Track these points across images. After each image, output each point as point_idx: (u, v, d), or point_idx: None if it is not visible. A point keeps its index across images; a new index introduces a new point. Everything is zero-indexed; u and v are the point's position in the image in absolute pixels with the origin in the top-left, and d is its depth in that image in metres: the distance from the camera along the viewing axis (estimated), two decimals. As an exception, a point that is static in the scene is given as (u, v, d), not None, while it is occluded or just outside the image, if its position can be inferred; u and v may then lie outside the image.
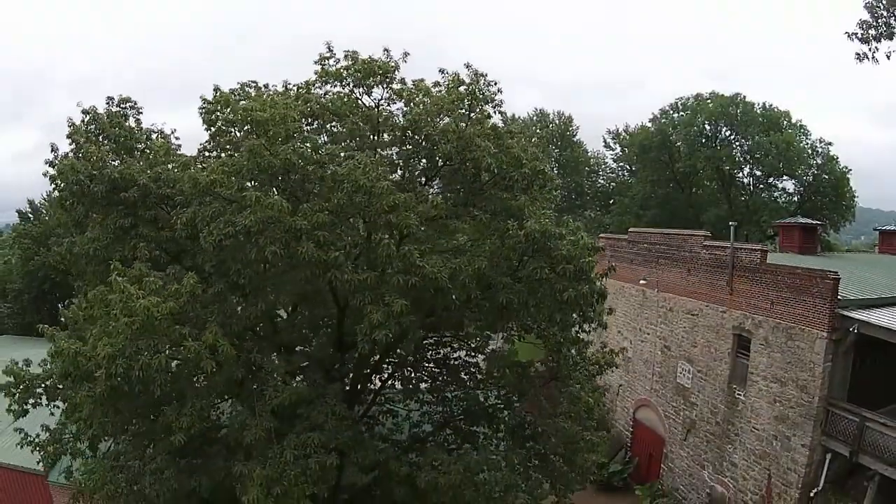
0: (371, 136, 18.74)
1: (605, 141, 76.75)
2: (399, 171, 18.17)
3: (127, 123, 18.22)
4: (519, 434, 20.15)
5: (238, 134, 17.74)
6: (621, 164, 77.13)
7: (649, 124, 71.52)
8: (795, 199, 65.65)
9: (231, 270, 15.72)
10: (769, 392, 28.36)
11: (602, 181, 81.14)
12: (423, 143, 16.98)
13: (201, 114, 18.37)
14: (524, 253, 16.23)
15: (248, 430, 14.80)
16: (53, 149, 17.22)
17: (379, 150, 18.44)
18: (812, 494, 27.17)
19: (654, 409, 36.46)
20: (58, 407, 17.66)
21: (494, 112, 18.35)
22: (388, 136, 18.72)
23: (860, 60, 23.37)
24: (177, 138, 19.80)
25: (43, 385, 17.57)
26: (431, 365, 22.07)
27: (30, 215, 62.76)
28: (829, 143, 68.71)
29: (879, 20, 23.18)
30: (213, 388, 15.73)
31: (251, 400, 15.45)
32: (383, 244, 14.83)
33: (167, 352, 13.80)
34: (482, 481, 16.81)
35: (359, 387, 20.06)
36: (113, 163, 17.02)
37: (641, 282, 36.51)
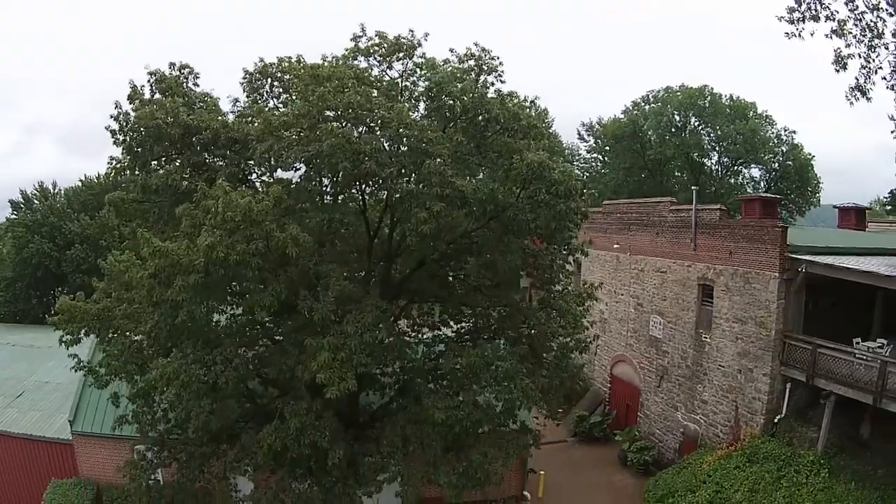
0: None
1: (579, 133, 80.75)
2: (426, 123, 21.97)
3: (187, 85, 22.16)
4: (518, 340, 24.24)
5: (287, 95, 22.65)
6: (594, 155, 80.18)
7: (622, 116, 75.15)
8: (762, 184, 69.98)
9: (306, 190, 20.47)
10: (732, 331, 32.23)
11: (576, 171, 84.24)
12: (445, 100, 21.07)
13: (243, 83, 23.02)
14: (526, 179, 20.27)
15: (315, 311, 18.65)
16: (117, 106, 20.78)
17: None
18: (776, 420, 31.12)
19: (630, 363, 40.34)
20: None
21: (497, 80, 22.51)
22: (410, 102, 22.81)
23: (789, 38, 26.60)
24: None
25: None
26: (451, 281, 25.72)
27: (22, 205, 65.00)
28: (794, 132, 73.65)
29: (804, 4, 26.21)
30: (290, 276, 19.52)
31: (317, 291, 19.38)
32: (426, 164, 19.05)
33: (260, 243, 17.66)
34: (494, 367, 20.57)
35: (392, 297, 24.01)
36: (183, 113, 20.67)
37: (615, 246, 40.54)
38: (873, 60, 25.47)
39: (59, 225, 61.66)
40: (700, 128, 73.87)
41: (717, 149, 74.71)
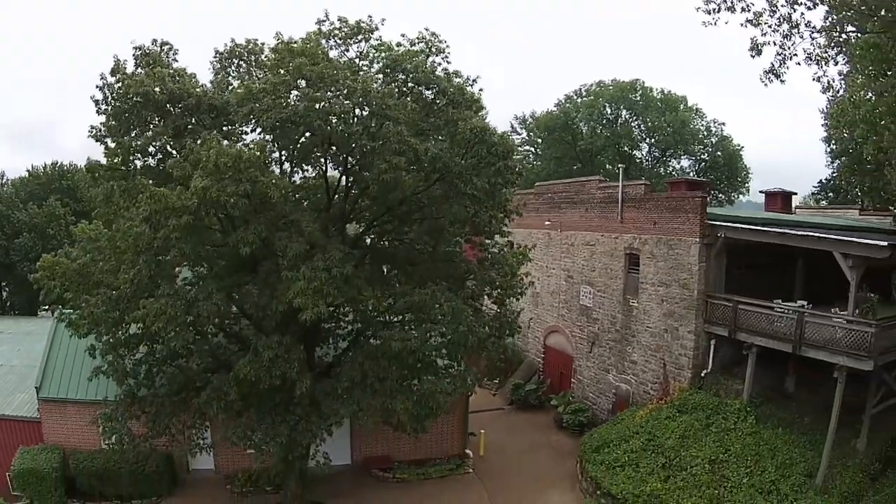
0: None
1: (511, 126, 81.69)
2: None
3: (167, 60, 23.37)
4: (461, 286, 25.88)
5: (254, 73, 24.48)
6: (527, 147, 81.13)
7: (555, 109, 76.44)
8: (691, 174, 72.80)
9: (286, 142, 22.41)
10: (657, 294, 33.70)
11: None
12: (400, 75, 23.21)
13: (214, 62, 24.90)
14: (469, 141, 22.57)
15: (290, 248, 20.39)
16: (102, 76, 22.00)
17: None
18: (703, 374, 33.04)
19: (562, 333, 41.71)
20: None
21: (443, 61, 24.54)
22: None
23: (706, 26, 27.72)
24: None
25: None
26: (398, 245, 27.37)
27: None
28: (723, 124, 76.18)
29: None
30: (268, 219, 21.21)
31: (291, 232, 21.06)
32: (386, 125, 21.13)
33: (248, 185, 19.35)
34: (441, 305, 22.56)
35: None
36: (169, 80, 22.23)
37: (546, 223, 41.84)
38: (788, 48, 26.32)
39: (6, 214, 61.81)
40: (631, 120, 75.71)
41: (647, 140, 76.61)
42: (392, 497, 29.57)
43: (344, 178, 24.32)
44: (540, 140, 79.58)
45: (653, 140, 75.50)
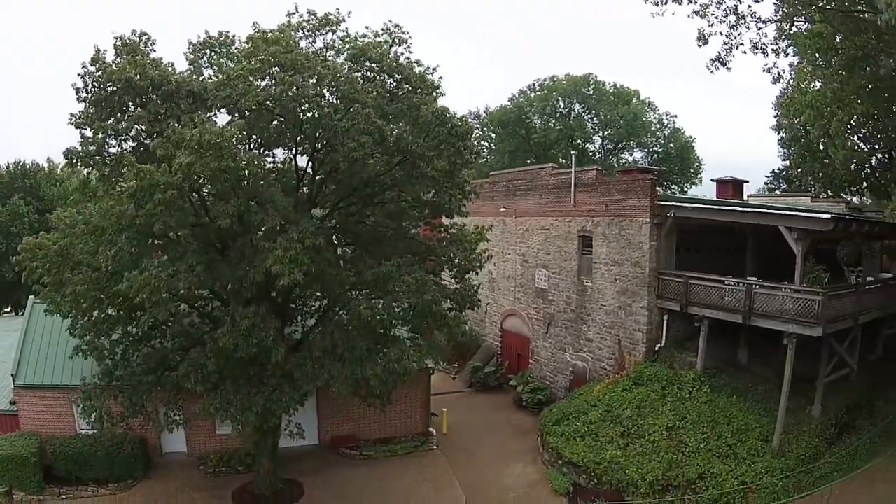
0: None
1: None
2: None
3: (146, 50, 23.77)
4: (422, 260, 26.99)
5: (229, 63, 24.87)
6: (481, 142, 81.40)
7: (508, 103, 75.55)
8: (644, 165, 72.09)
9: (260, 125, 23.01)
10: (610, 273, 34.45)
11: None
12: (366, 62, 24.10)
13: (187, 53, 25.19)
14: (431, 124, 23.56)
15: (266, 221, 21.31)
16: (83, 65, 22.23)
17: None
18: (657, 349, 34.07)
19: (519, 316, 42.12)
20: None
21: (406, 50, 25.38)
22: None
23: (654, 17, 28.23)
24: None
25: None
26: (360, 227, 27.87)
27: None
28: (675, 116, 77.89)
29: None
30: (245, 194, 21.99)
31: (266, 208, 21.82)
32: (354, 107, 21.97)
33: (230, 162, 20.16)
34: (406, 276, 23.35)
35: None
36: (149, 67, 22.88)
37: (501, 210, 42.25)
38: (735, 38, 26.87)
39: None
40: (584, 113, 76.97)
41: (600, 133, 77.75)
42: (360, 473, 30.23)
43: (311, 163, 25.04)
44: (494, 135, 79.96)
45: (605, 133, 76.94)
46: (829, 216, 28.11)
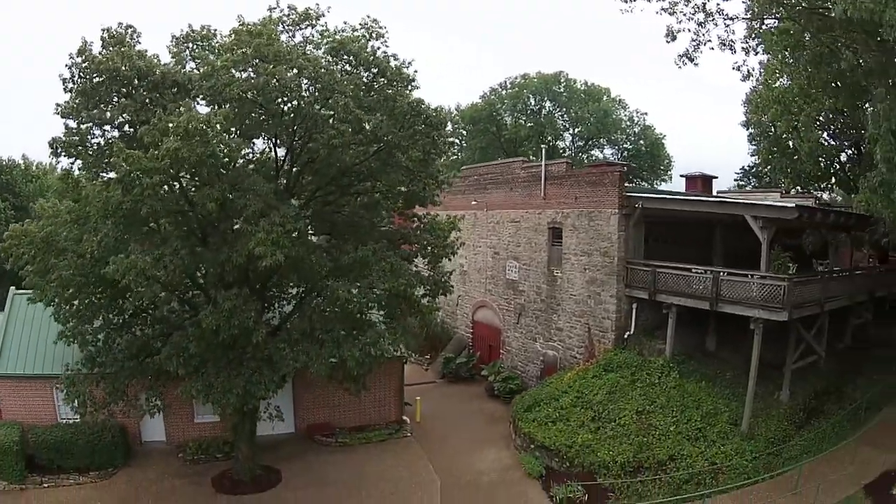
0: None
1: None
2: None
3: (132, 41, 24.20)
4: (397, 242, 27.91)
5: (211, 56, 24.92)
6: (451, 139, 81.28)
7: (479, 101, 76.12)
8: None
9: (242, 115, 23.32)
10: (580, 264, 34.89)
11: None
12: (345, 56, 24.46)
13: (170, 46, 25.31)
14: (407, 114, 24.23)
15: (248, 207, 21.59)
16: (71, 56, 22.59)
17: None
18: (626, 336, 34.64)
19: (490, 307, 42.56)
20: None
21: (382, 45, 25.62)
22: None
23: (623, 13, 28.63)
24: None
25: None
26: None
27: None
28: (645, 114, 78.79)
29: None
30: (229, 180, 22.45)
31: (248, 194, 22.08)
32: (334, 97, 22.35)
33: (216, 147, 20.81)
34: (383, 261, 24.01)
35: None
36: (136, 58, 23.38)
37: (473, 203, 42.56)
38: (703, 35, 27.22)
39: None
40: (555, 111, 77.56)
41: (570, 131, 78.43)
42: (336, 459, 30.58)
43: (289, 154, 25.51)
44: (465, 132, 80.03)
45: (576, 130, 77.49)
46: (793, 205, 28.64)
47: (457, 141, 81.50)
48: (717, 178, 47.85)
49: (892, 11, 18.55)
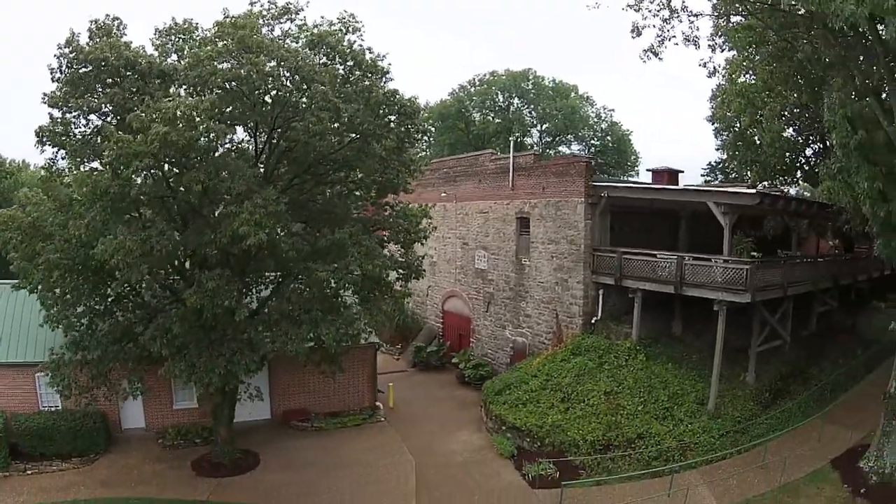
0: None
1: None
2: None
3: (119, 31, 24.67)
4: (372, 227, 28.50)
5: (194, 48, 25.11)
6: (424, 125, 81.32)
7: (448, 97, 77.17)
8: None
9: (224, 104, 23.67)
10: (547, 252, 35.43)
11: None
12: (324, 48, 25.00)
13: (153, 38, 25.78)
14: (382, 104, 25.07)
15: (233, 188, 22.09)
16: (59, 46, 22.94)
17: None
18: (593, 321, 35.57)
19: (460, 296, 43.15)
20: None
21: (358, 38, 26.26)
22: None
23: (589, 9, 29.02)
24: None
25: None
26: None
27: None
28: (612, 110, 79.90)
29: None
30: (216, 162, 22.89)
31: (234, 175, 22.56)
32: (314, 86, 22.83)
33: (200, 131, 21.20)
34: (358, 244, 24.70)
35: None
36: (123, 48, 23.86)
37: (442, 195, 43.04)
38: (667, 31, 27.67)
39: None
40: (523, 107, 78.30)
41: (538, 127, 78.93)
42: (312, 443, 31.05)
43: (268, 142, 25.95)
44: (433, 129, 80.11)
45: (544, 127, 77.99)
46: (754, 192, 29.32)
47: (431, 129, 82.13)
48: (683, 172, 48.49)
49: (838, 2, 19.14)
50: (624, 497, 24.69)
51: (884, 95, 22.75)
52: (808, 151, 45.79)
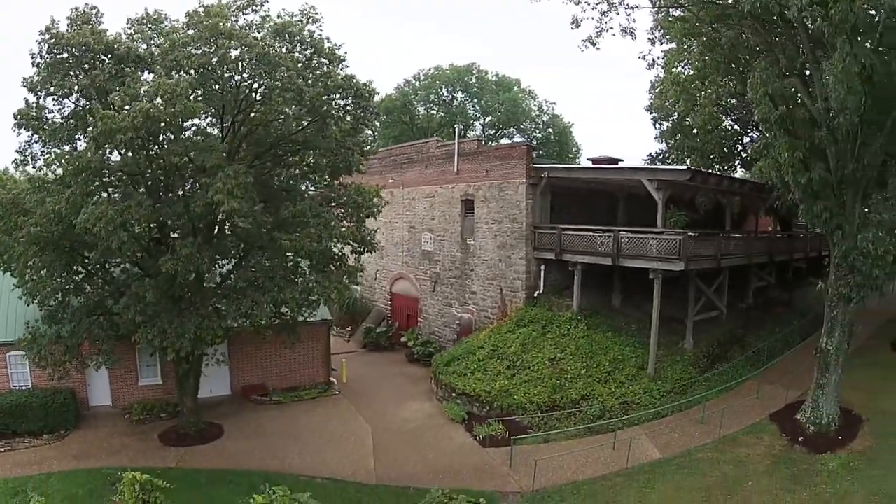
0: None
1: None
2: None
3: (96, 19, 25.55)
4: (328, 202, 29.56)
5: (169, 37, 25.86)
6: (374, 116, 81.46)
7: (393, 92, 76.93)
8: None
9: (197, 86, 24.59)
10: (491, 231, 36.34)
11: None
12: (286, 37, 26.07)
13: (126, 28, 26.62)
14: (340, 87, 26.29)
15: (208, 160, 23.18)
16: (40, 32, 23.69)
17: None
18: (536, 295, 37.04)
19: (407, 278, 44.00)
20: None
21: (318, 28, 27.29)
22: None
23: (531, 2, 29.80)
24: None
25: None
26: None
27: None
28: (553, 103, 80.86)
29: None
30: (189, 140, 24.13)
31: (206, 150, 23.71)
32: (280, 69, 24.05)
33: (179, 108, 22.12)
34: (318, 215, 25.98)
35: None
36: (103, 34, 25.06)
37: (390, 181, 43.75)
38: (605, 22, 28.57)
39: None
40: (466, 101, 79.81)
41: (481, 120, 79.86)
42: (272, 415, 32.13)
43: (232, 126, 26.77)
44: (378, 123, 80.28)
45: (487, 119, 79.36)
46: (685, 168, 30.54)
47: (382, 116, 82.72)
48: (622, 160, 49.73)
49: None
50: (570, 450, 26.24)
51: (808, 74, 24.21)
52: (746, 140, 47.39)
